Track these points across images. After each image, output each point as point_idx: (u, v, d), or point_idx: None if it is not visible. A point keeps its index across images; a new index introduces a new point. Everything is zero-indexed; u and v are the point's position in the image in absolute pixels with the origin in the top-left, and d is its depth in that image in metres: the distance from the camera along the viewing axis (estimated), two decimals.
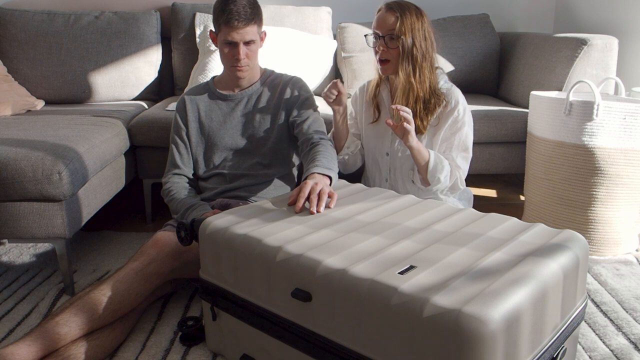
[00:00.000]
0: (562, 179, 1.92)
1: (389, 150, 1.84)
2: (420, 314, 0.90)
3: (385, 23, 1.68)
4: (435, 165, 1.69)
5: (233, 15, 1.59)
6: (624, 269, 1.85)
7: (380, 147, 1.86)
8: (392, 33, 1.67)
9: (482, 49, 2.70)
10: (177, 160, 1.79)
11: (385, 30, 1.68)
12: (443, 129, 1.74)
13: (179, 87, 2.75)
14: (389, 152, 1.84)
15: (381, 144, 1.85)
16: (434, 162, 1.69)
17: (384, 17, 1.69)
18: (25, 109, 2.37)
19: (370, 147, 1.90)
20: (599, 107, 1.80)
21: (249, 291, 1.21)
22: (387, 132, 1.83)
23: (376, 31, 1.71)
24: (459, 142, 1.75)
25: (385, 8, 1.70)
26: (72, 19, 2.60)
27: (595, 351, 1.39)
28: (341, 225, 1.23)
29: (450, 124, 1.74)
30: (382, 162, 1.86)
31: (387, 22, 1.68)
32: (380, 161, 1.87)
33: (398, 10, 1.67)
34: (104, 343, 1.35)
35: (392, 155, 1.83)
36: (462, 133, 1.75)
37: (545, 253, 1.07)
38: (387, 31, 1.68)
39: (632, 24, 2.43)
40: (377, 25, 1.71)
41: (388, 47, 1.69)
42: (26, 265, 1.93)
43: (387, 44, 1.69)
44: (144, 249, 1.47)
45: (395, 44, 1.68)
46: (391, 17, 1.67)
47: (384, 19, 1.69)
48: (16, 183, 1.55)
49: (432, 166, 1.69)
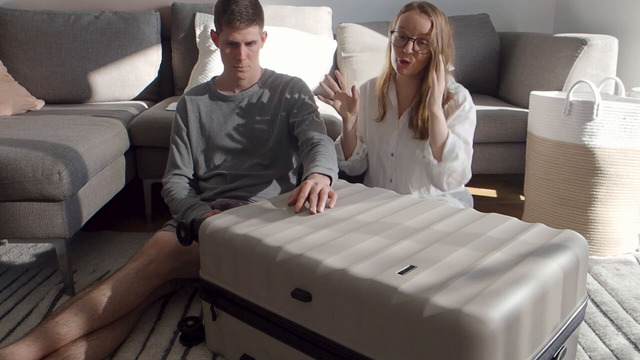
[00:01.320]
0: (562, 179, 1.92)
1: (394, 151, 1.82)
2: (420, 314, 0.90)
3: (417, 26, 1.63)
4: (453, 148, 1.65)
5: (235, 16, 1.59)
6: (624, 269, 1.85)
7: (385, 148, 1.85)
8: (424, 39, 1.63)
9: (482, 49, 2.70)
10: (177, 161, 1.79)
11: (417, 33, 1.64)
12: (449, 120, 1.73)
13: (179, 87, 2.75)
14: (394, 152, 1.83)
15: (386, 145, 1.84)
16: (451, 143, 1.65)
17: (416, 19, 1.64)
18: (25, 109, 2.37)
19: (375, 147, 1.88)
20: (599, 107, 1.80)
21: (249, 291, 1.21)
22: (393, 133, 1.81)
23: (405, 31, 1.65)
24: (461, 133, 1.72)
25: (418, 10, 1.65)
26: (72, 19, 2.60)
27: (595, 351, 1.39)
28: (341, 225, 1.23)
29: (454, 118, 1.73)
30: (387, 162, 1.85)
31: (420, 25, 1.63)
32: (385, 162, 1.85)
33: (432, 14, 1.63)
34: (104, 343, 1.35)
35: (397, 156, 1.82)
36: (465, 127, 1.73)
37: (545, 253, 1.07)
38: (419, 35, 1.64)
39: (632, 24, 2.43)
40: (406, 26, 1.65)
41: (415, 50, 1.65)
42: (26, 265, 1.93)
43: (416, 47, 1.65)
44: (144, 249, 1.47)
45: (424, 49, 1.65)
46: (426, 21, 1.63)
47: (417, 22, 1.63)
48: (16, 183, 1.55)
49: (449, 147, 1.64)
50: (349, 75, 2.67)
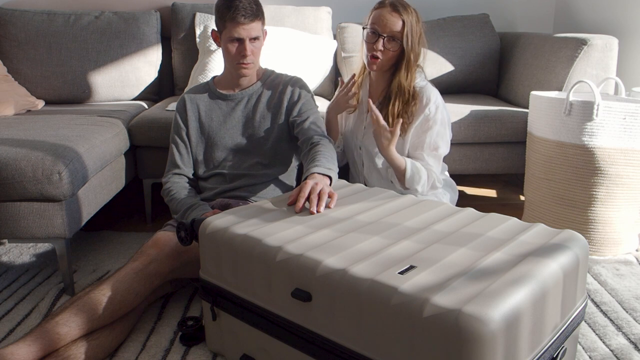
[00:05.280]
0: (562, 179, 1.92)
1: (361, 144, 1.84)
2: (420, 314, 0.90)
3: (388, 23, 1.66)
4: (412, 176, 1.70)
5: (239, 11, 1.60)
6: (624, 269, 1.85)
7: (355, 141, 1.87)
8: (395, 36, 1.66)
9: (482, 49, 2.70)
10: (177, 160, 1.79)
11: (387, 30, 1.66)
12: (414, 126, 1.74)
13: (179, 87, 2.75)
14: (361, 146, 1.84)
15: (355, 138, 1.87)
16: (410, 172, 1.69)
17: (387, 16, 1.66)
18: (25, 109, 2.38)
19: (348, 141, 1.92)
20: (599, 107, 1.80)
21: (249, 291, 1.21)
22: (360, 126, 1.83)
23: (376, 27, 1.68)
24: (429, 141, 1.74)
25: (390, 7, 1.67)
26: (72, 19, 2.60)
27: (595, 351, 1.39)
28: (341, 225, 1.23)
29: (421, 122, 1.74)
30: (357, 155, 1.88)
31: (391, 23, 1.66)
32: (355, 155, 1.89)
33: (403, 12, 1.65)
34: (104, 343, 1.35)
35: (365, 149, 1.84)
36: (433, 132, 1.74)
37: (545, 253, 1.07)
38: (389, 32, 1.66)
39: (632, 24, 2.43)
40: (377, 22, 1.68)
41: (385, 48, 1.68)
42: (26, 265, 1.93)
43: (386, 44, 1.67)
44: (144, 249, 1.48)
45: (395, 46, 1.67)
46: (397, 20, 1.65)
47: (387, 19, 1.66)
48: (16, 183, 1.55)
49: (410, 176, 1.70)
50: (349, 75, 2.66)
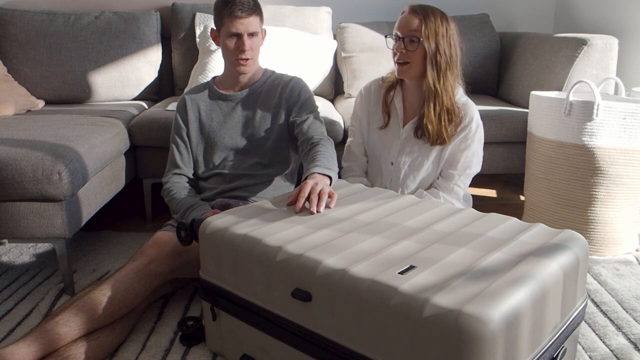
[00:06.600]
0: (562, 179, 1.92)
1: (394, 160, 1.81)
2: (420, 314, 0.90)
3: (407, 25, 1.65)
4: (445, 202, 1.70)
5: (237, 6, 1.61)
6: (624, 269, 1.85)
7: (386, 156, 1.83)
8: (413, 35, 1.64)
9: (482, 49, 2.70)
10: (177, 160, 1.79)
11: (406, 32, 1.65)
12: (452, 143, 1.73)
13: (179, 87, 2.75)
14: (394, 162, 1.81)
15: (387, 153, 1.82)
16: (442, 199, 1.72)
17: (406, 18, 1.66)
18: (25, 109, 2.37)
19: (376, 154, 1.86)
20: (599, 107, 1.80)
21: (249, 291, 1.21)
22: (396, 141, 1.80)
23: (397, 32, 1.67)
24: (464, 161, 1.74)
25: (408, 10, 1.67)
26: (72, 19, 2.60)
27: (595, 351, 1.39)
28: (341, 225, 1.23)
29: (460, 140, 1.73)
30: (386, 170, 1.84)
31: (409, 24, 1.64)
32: (384, 169, 1.84)
33: (422, 13, 1.64)
34: (104, 343, 1.34)
35: (397, 165, 1.81)
36: (470, 151, 1.73)
37: (545, 253, 1.07)
38: (408, 33, 1.65)
39: (632, 24, 2.43)
40: (398, 27, 1.68)
41: (407, 50, 1.65)
42: (26, 265, 1.93)
43: (407, 46, 1.65)
44: (144, 249, 1.48)
45: (415, 46, 1.65)
46: (414, 19, 1.64)
47: (406, 21, 1.65)
48: (16, 183, 1.55)
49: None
50: (349, 75, 2.67)
